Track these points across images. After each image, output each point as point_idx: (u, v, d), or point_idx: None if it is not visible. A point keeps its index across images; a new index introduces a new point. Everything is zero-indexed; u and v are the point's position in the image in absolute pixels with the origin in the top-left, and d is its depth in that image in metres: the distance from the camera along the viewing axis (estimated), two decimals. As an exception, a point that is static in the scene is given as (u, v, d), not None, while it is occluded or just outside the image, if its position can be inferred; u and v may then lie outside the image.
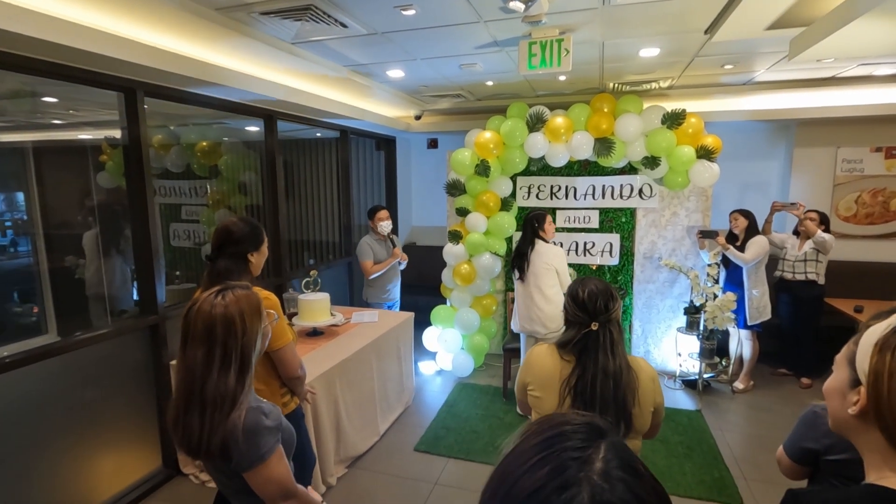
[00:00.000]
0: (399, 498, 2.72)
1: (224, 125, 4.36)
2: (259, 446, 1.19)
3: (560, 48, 2.65)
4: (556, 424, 0.50)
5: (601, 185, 4.33)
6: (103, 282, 3.41)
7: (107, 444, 2.64)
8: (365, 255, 3.93)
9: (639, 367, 1.48)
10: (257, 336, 1.25)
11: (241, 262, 1.83)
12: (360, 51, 3.03)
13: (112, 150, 3.57)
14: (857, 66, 3.48)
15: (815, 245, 3.73)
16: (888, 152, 4.42)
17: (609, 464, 0.46)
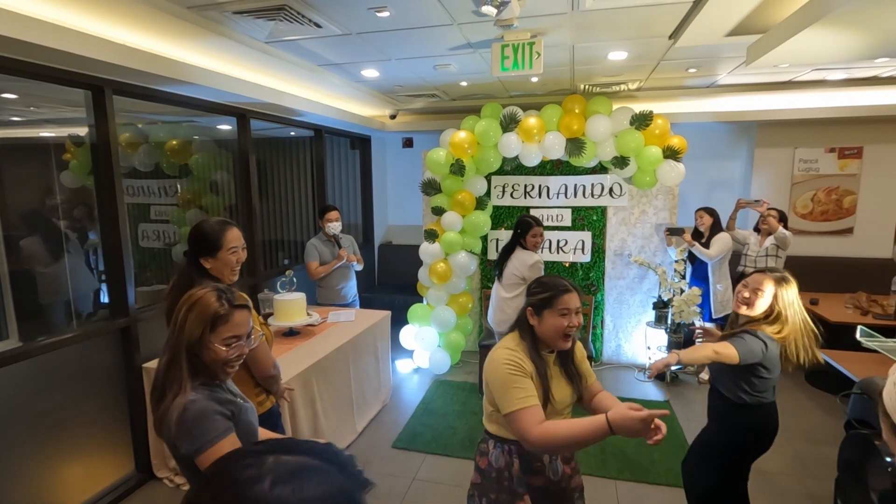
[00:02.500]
0: (378, 494, 2.75)
1: (195, 123, 4.28)
2: (208, 430, 1.19)
3: (532, 51, 2.72)
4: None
5: (573, 185, 4.44)
6: (68, 284, 3.33)
7: (78, 450, 2.59)
8: (310, 257, 3.83)
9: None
10: (194, 340, 1.24)
11: (195, 265, 1.81)
12: (335, 50, 3.04)
13: (76, 148, 3.48)
14: (811, 71, 3.67)
15: (776, 241, 3.91)
16: (841, 153, 4.67)
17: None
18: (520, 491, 1.55)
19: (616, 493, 2.74)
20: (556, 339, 1.52)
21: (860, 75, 3.86)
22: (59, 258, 3.31)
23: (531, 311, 1.55)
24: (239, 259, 1.89)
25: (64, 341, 2.47)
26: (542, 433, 1.35)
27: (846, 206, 4.73)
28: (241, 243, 1.90)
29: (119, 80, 2.62)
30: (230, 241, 1.85)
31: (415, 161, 5.60)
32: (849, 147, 4.65)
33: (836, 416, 3.52)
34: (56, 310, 3.31)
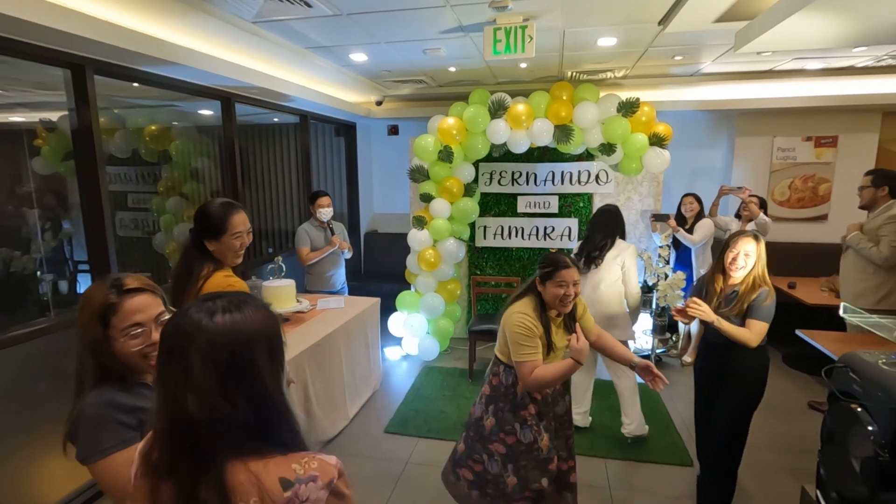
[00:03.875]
0: (373, 478, 2.76)
1: (176, 108, 4.17)
2: (99, 440, 1.08)
3: (524, 35, 2.72)
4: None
5: (560, 172, 4.48)
6: (44, 274, 3.22)
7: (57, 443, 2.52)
8: (301, 242, 3.81)
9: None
10: (91, 338, 1.13)
11: (197, 247, 1.80)
12: (324, 32, 2.99)
13: (48, 133, 3.35)
14: (791, 60, 3.76)
15: (756, 227, 4.02)
16: (817, 141, 4.80)
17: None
18: (525, 402, 1.96)
19: (606, 471, 2.81)
20: (555, 304, 1.92)
21: (837, 65, 3.97)
22: (32, 248, 3.20)
23: (538, 281, 1.96)
24: (243, 243, 1.87)
25: (39, 331, 2.36)
26: (535, 378, 1.86)
27: (821, 193, 4.88)
28: (246, 227, 1.87)
29: (100, 59, 2.52)
30: (235, 225, 1.82)
31: (400, 149, 5.56)
32: (825, 136, 4.79)
33: (815, 394, 3.66)
34: (30, 301, 3.21)
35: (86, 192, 2.64)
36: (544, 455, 1.95)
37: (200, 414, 0.75)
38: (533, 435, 1.94)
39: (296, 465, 0.79)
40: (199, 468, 0.75)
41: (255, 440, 0.79)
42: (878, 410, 1.63)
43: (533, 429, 1.95)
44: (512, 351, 1.93)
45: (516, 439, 1.96)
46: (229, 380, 0.77)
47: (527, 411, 1.96)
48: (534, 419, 1.96)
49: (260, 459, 0.77)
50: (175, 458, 0.77)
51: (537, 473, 1.95)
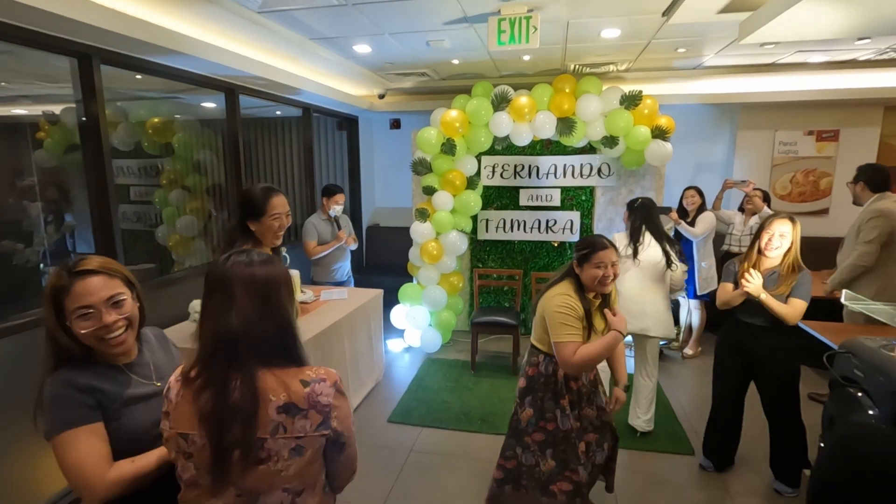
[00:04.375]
0: (377, 466, 2.78)
1: (178, 101, 4.17)
2: (56, 417, 1.10)
3: (528, 25, 2.73)
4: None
5: (562, 165, 4.49)
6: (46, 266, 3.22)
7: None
8: (308, 236, 3.83)
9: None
10: (50, 321, 1.15)
11: (240, 227, 1.98)
12: (329, 22, 2.99)
13: (51, 126, 3.36)
14: (794, 53, 3.76)
15: (760, 220, 4.03)
16: (819, 135, 4.81)
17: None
18: (563, 392, 1.97)
19: (608, 459, 2.83)
20: (594, 286, 1.90)
21: (840, 58, 3.98)
22: (35, 241, 3.19)
23: (576, 264, 1.95)
24: (282, 225, 2.02)
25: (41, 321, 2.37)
26: (580, 357, 1.82)
27: (822, 187, 4.89)
28: (284, 210, 2.03)
29: (107, 49, 2.53)
30: (274, 207, 1.99)
31: (402, 143, 5.57)
32: (826, 130, 4.80)
33: (815, 386, 3.69)
34: (32, 293, 3.20)
35: (93, 183, 2.66)
36: (574, 441, 1.99)
37: (241, 329, 1.00)
38: (570, 424, 1.97)
39: (309, 371, 1.07)
40: (236, 372, 1.00)
41: (278, 355, 1.05)
42: (880, 394, 1.65)
43: (570, 418, 1.97)
44: (552, 333, 1.90)
45: (556, 426, 1.98)
46: (264, 306, 1.03)
47: (565, 400, 1.97)
48: (570, 406, 1.98)
49: (281, 369, 1.04)
50: (215, 369, 1.00)
51: (574, 460, 1.98)
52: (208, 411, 0.98)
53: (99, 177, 2.65)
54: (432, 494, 2.54)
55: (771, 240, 2.27)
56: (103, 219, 2.68)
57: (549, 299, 1.94)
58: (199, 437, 1.00)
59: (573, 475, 1.98)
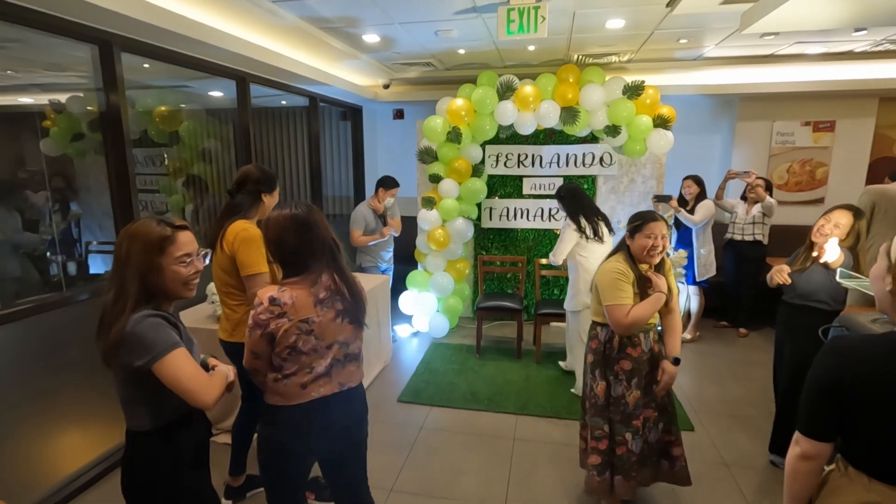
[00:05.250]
0: (390, 442, 2.88)
1: (185, 90, 4.22)
2: (161, 340, 1.24)
3: (537, 15, 2.80)
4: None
5: (565, 154, 4.57)
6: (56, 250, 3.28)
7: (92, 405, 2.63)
8: (356, 224, 3.99)
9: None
10: (144, 268, 1.28)
11: (255, 198, 2.12)
12: (341, 12, 3.06)
13: (57, 115, 3.41)
14: (793, 44, 3.85)
15: (763, 209, 4.15)
16: (815, 126, 4.92)
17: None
18: (619, 357, 2.09)
19: (611, 436, 2.94)
20: (643, 256, 2.03)
21: (837, 50, 4.07)
22: (41, 229, 3.24)
23: (628, 235, 2.09)
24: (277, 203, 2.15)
25: (57, 302, 2.41)
26: (632, 318, 1.97)
27: (818, 177, 5.00)
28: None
29: (127, 36, 2.59)
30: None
31: (406, 133, 5.63)
32: (822, 121, 4.90)
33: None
34: (42, 281, 3.26)
35: (113, 171, 2.72)
36: (630, 410, 2.08)
37: (329, 243, 1.53)
38: (622, 389, 2.08)
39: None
40: (331, 270, 1.53)
41: (332, 262, 1.54)
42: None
43: (623, 383, 2.07)
44: (604, 297, 2.04)
45: (608, 392, 2.12)
46: (328, 231, 1.55)
47: (619, 366, 2.08)
48: (625, 374, 2.08)
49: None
50: (317, 269, 1.51)
51: (622, 427, 2.08)
52: (334, 290, 1.52)
53: (119, 164, 2.71)
54: (444, 468, 2.65)
55: (823, 226, 2.42)
56: (124, 206, 2.75)
57: (601, 271, 2.09)
58: (318, 315, 1.48)
59: (617, 448, 2.09)
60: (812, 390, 1.08)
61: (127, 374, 1.28)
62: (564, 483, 2.52)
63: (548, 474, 2.59)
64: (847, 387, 1.01)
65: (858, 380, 1.00)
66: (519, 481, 2.53)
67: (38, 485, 2.34)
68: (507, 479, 2.55)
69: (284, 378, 1.51)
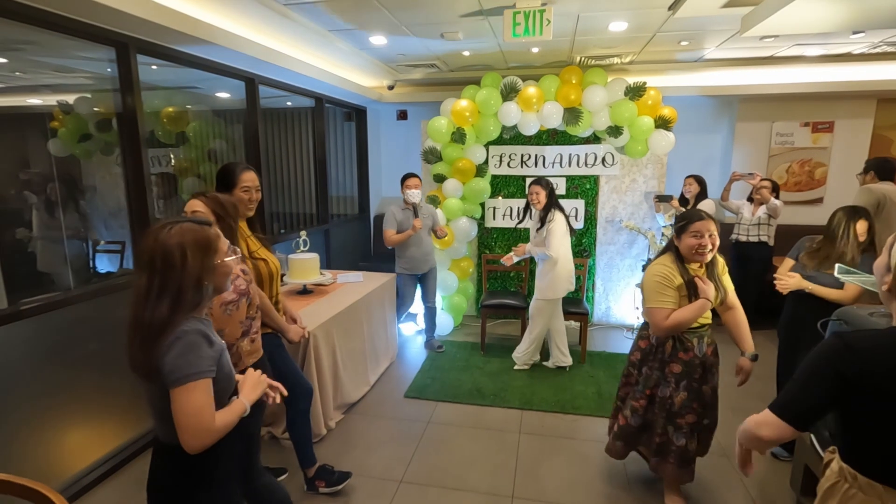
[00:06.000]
0: (398, 436, 2.94)
1: (193, 91, 4.27)
2: (190, 364, 1.18)
3: (542, 18, 2.87)
4: None
5: (568, 154, 4.64)
6: (64, 249, 3.33)
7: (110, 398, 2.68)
8: (387, 224, 3.90)
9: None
10: (201, 271, 1.24)
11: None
12: (351, 15, 3.12)
13: (64, 115, 3.46)
14: (792, 46, 3.92)
15: (768, 210, 4.21)
16: (815, 127, 4.99)
17: None
18: (671, 360, 2.11)
19: (615, 430, 3.00)
20: (691, 255, 2.01)
21: (835, 52, 4.14)
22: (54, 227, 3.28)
23: (675, 235, 2.07)
24: (251, 198, 2.15)
25: (73, 298, 2.46)
26: (672, 322, 1.98)
27: (817, 177, 5.07)
28: (254, 184, 2.16)
29: (142, 38, 2.65)
30: (244, 181, 2.14)
31: (409, 134, 5.70)
32: (821, 122, 4.97)
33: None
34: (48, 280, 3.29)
35: (130, 171, 2.78)
36: (675, 409, 2.12)
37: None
38: (670, 391, 2.11)
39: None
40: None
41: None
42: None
43: (671, 385, 2.11)
44: (645, 299, 2.06)
45: (654, 393, 2.16)
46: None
47: (669, 369, 2.11)
48: (674, 377, 2.10)
49: None
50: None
51: (664, 422, 2.15)
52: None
53: (136, 165, 2.77)
54: (452, 460, 2.71)
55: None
56: (140, 205, 2.80)
57: (647, 273, 2.10)
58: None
59: (658, 437, 2.16)
60: (807, 381, 1.05)
61: (153, 384, 1.22)
62: (571, 474, 2.58)
63: (555, 466, 2.65)
64: (852, 383, 0.97)
65: (866, 375, 0.96)
66: (526, 473, 2.59)
67: (52, 478, 2.39)
68: (515, 471, 2.61)
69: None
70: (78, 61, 3.00)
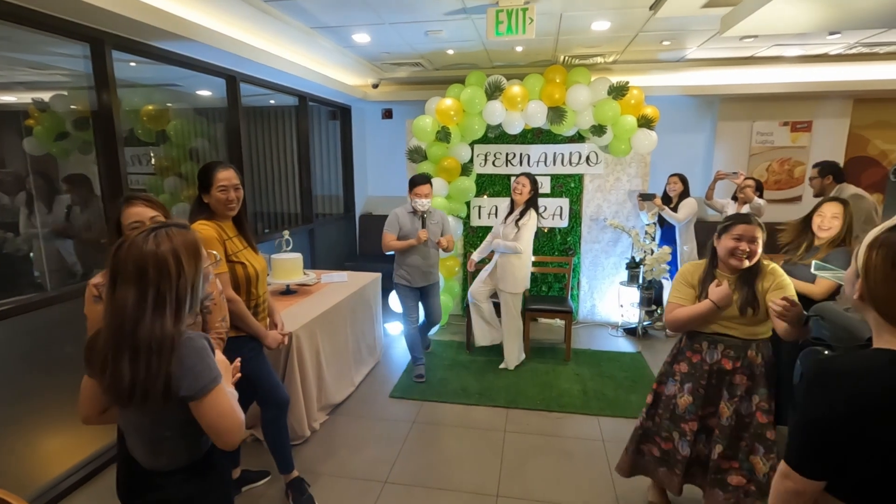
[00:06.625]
0: (382, 437, 2.93)
1: (173, 88, 4.21)
2: (205, 373, 1.14)
3: (525, 17, 2.87)
4: None
5: (552, 153, 4.66)
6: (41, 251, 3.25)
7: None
8: (388, 226, 3.46)
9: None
10: (195, 276, 1.18)
11: (197, 201, 2.10)
12: (332, 12, 3.09)
13: (40, 113, 3.39)
14: (771, 47, 3.98)
15: (752, 209, 4.27)
16: (793, 126, 5.07)
17: None
18: (680, 359, 2.07)
19: (599, 427, 3.02)
20: (726, 258, 1.92)
21: (813, 52, 4.21)
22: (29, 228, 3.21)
23: (716, 235, 1.99)
24: (229, 198, 2.06)
25: (42, 301, 2.40)
26: (672, 318, 1.99)
27: (797, 175, 5.16)
28: (231, 183, 2.06)
29: (118, 34, 2.60)
30: (219, 180, 2.04)
31: (395, 132, 5.67)
32: (800, 121, 5.06)
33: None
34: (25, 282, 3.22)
35: (105, 171, 2.72)
36: (679, 412, 2.03)
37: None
38: (675, 389, 2.06)
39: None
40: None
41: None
42: (843, 350, 1.85)
43: (676, 384, 2.06)
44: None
45: (661, 390, 2.14)
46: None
47: (678, 366, 2.07)
48: (680, 376, 2.05)
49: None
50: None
51: (669, 424, 2.07)
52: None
53: (112, 164, 2.71)
54: (437, 460, 2.70)
55: (822, 221, 2.45)
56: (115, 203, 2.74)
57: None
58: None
59: (662, 443, 2.09)
60: (807, 425, 0.97)
61: (169, 407, 1.13)
62: (556, 473, 2.59)
63: (539, 465, 2.66)
64: (842, 418, 0.92)
65: (868, 404, 0.90)
66: (511, 471, 2.60)
67: (23, 487, 2.33)
68: (500, 469, 2.61)
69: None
70: (54, 58, 2.93)
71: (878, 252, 0.95)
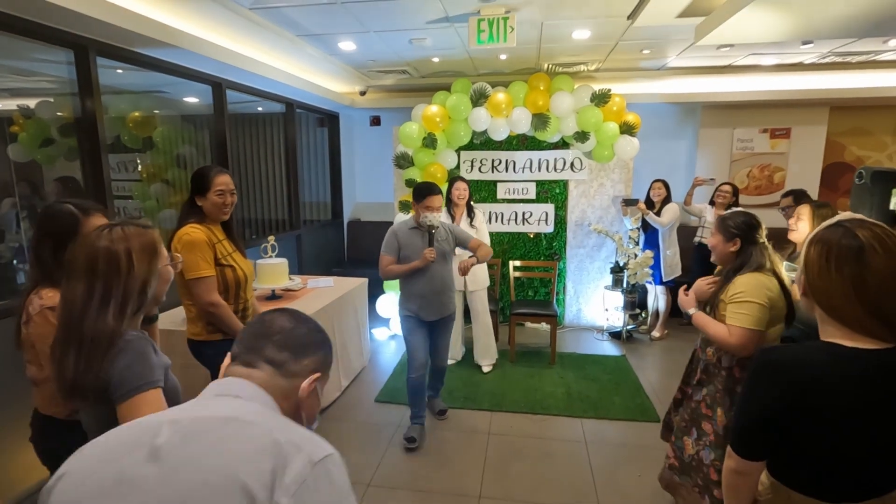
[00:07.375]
0: (368, 441, 2.93)
1: (160, 95, 4.22)
2: (140, 375, 1.10)
3: (506, 25, 2.93)
4: None
5: (537, 159, 4.72)
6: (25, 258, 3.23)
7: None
8: (385, 248, 2.77)
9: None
10: (147, 276, 1.16)
11: (189, 204, 2.10)
12: (318, 20, 3.13)
13: (25, 120, 3.39)
14: (748, 56, 4.09)
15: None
16: (773, 133, 5.19)
17: None
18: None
19: (582, 428, 3.05)
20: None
21: (788, 61, 4.33)
22: (7, 237, 3.19)
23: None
24: (225, 202, 2.10)
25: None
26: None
27: (776, 181, 5.27)
28: (228, 188, 2.12)
29: (102, 41, 2.62)
30: (218, 184, 2.08)
31: (382, 139, 5.72)
32: (779, 128, 5.18)
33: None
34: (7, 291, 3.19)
35: (89, 177, 2.73)
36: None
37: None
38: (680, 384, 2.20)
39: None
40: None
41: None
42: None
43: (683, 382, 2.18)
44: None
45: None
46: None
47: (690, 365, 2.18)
48: (685, 374, 2.19)
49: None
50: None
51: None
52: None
53: (95, 170, 2.72)
54: (420, 463, 2.72)
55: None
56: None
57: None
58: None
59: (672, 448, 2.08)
60: (746, 413, 1.03)
61: (101, 403, 1.10)
62: (539, 476, 2.61)
63: (522, 467, 2.68)
64: (775, 405, 0.97)
65: (799, 396, 0.96)
66: (493, 473, 2.62)
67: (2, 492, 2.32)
68: (483, 471, 2.63)
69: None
70: (39, 64, 2.94)
71: (814, 248, 1.01)
